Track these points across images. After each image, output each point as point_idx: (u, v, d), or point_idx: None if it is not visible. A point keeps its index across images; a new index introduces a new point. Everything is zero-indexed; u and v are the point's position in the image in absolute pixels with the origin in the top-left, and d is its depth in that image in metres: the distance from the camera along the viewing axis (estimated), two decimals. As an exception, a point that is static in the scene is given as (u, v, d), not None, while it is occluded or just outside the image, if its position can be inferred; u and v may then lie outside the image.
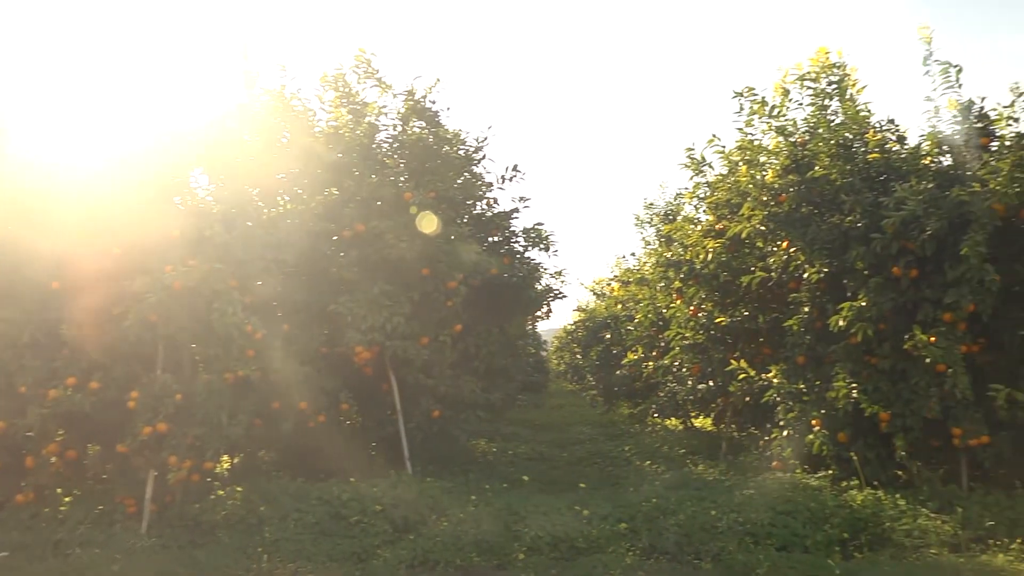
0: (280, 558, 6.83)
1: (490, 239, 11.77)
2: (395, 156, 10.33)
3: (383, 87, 10.43)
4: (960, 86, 8.06)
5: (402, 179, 10.12)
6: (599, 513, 7.65)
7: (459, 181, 10.81)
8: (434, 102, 10.53)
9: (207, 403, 7.69)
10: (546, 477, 10.56)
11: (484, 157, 11.38)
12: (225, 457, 9.35)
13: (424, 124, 10.42)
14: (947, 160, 8.20)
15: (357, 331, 9.09)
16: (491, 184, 11.62)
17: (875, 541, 6.91)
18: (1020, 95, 7.71)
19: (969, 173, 7.74)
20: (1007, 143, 7.66)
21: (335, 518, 7.56)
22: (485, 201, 11.68)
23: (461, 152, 10.94)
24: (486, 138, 11.38)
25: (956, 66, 8.00)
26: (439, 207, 9.80)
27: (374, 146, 10.19)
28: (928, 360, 7.28)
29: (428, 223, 9.61)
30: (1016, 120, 7.77)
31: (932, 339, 7.26)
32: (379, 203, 9.71)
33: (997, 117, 7.88)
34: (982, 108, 8.04)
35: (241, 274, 8.13)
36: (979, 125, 7.96)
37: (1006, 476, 7.59)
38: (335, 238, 9.69)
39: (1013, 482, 7.36)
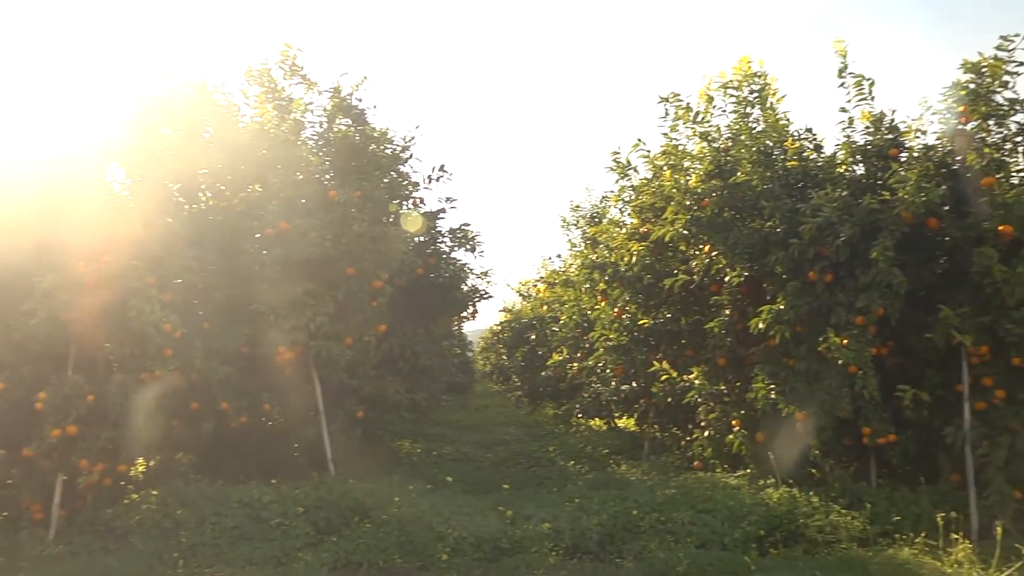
0: (197, 563, 6.67)
1: (416, 239, 11.71)
2: (321, 154, 10.18)
3: (309, 84, 10.29)
4: (873, 98, 8.37)
5: (327, 177, 9.98)
6: (523, 513, 7.68)
7: (386, 180, 10.72)
8: (360, 100, 10.43)
9: (121, 404, 7.44)
10: (471, 478, 10.56)
11: (411, 157, 11.30)
12: (140, 460, 9.08)
13: (350, 122, 10.29)
14: (860, 169, 8.50)
15: (280, 331, 8.93)
16: (418, 184, 11.55)
17: (789, 537, 7.12)
18: (928, 109, 8.05)
19: (880, 182, 8.04)
20: (915, 154, 8.00)
21: (255, 521, 7.41)
22: (412, 201, 11.61)
23: (388, 151, 10.83)
24: (413, 137, 11.32)
25: (869, 79, 8.31)
26: (365, 206, 9.70)
27: (299, 143, 10.03)
28: (841, 362, 7.52)
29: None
30: (924, 132, 8.11)
31: (845, 341, 7.50)
32: (304, 201, 9.56)
33: (906, 129, 8.22)
34: (893, 120, 8.36)
35: (159, 271, 7.91)
36: (890, 136, 8.28)
37: (911, 472, 7.93)
38: (258, 236, 9.49)
39: (918, 478, 7.68)
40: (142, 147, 8.61)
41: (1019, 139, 7.70)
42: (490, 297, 12.85)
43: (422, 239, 11.80)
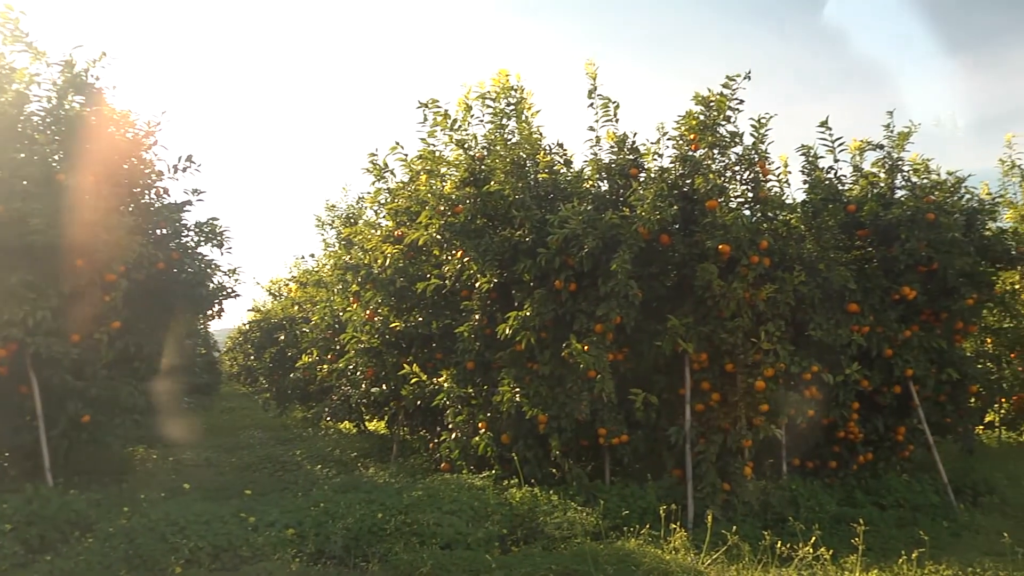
0: None
1: (159, 231, 10.93)
2: (48, 132, 9.23)
3: (35, 53, 9.26)
4: (618, 120, 8.99)
5: (56, 158, 9.06)
6: (266, 520, 7.42)
7: (125, 166, 9.91)
8: (98, 78, 9.56)
9: None
10: (211, 484, 10.05)
11: (156, 143, 10.53)
12: None
13: (85, 100, 9.43)
14: (605, 185, 9.08)
15: (-10, 326, 7.98)
16: (162, 173, 10.79)
17: (530, 535, 7.44)
18: (664, 134, 8.78)
19: (621, 199, 8.63)
20: (652, 175, 8.69)
21: (-51, 544, 6.56)
22: (155, 190, 10.83)
23: (129, 135, 10.03)
24: (159, 123, 10.55)
25: (615, 102, 8.91)
26: (99, 193, 8.90)
27: (23, 118, 9.01)
28: (582, 366, 7.96)
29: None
30: (660, 155, 8.86)
31: (585, 348, 7.96)
32: (25, 183, 8.60)
33: (646, 151, 8.90)
34: (635, 142, 9.03)
35: None
36: (631, 157, 8.92)
37: (640, 470, 8.60)
38: (-35, 219, 8.41)
39: (646, 475, 8.34)
40: None
41: (738, 168, 8.63)
42: (238, 295, 12.25)
43: (165, 232, 11.04)
